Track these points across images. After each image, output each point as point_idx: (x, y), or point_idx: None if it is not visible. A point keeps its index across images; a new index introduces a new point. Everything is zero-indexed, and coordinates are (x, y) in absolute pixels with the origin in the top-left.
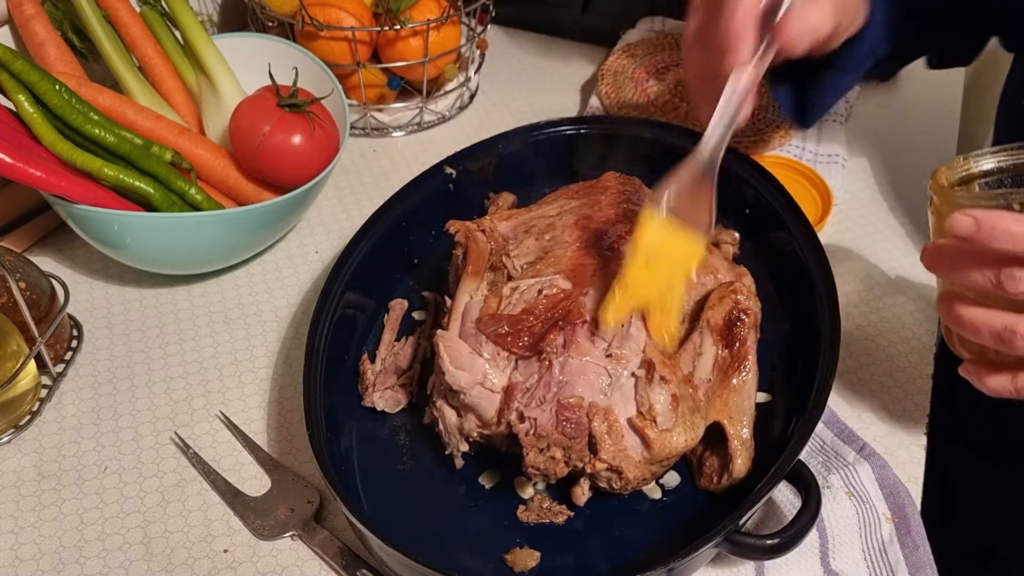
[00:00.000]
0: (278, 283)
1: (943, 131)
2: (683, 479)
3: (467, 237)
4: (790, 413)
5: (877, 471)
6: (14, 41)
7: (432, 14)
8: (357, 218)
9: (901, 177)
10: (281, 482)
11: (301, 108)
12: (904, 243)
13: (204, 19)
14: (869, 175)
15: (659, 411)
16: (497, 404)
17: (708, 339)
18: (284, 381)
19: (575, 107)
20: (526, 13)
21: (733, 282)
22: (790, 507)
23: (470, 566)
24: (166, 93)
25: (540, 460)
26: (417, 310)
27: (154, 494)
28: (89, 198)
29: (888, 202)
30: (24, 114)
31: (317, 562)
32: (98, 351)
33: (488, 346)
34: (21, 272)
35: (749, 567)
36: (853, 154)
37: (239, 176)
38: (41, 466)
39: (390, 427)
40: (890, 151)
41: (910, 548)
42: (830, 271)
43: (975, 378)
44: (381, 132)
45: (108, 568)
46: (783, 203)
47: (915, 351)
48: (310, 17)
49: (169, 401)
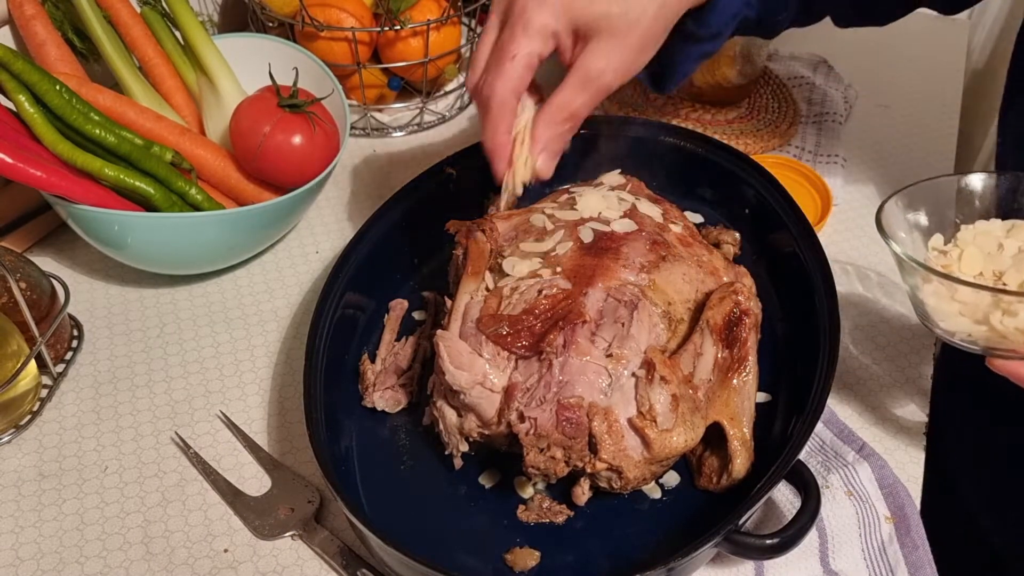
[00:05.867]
0: (278, 283)
1: (943, 131)
2: (683, 479)
3: (467, 237)
4: (790, 413)
5: (876, 471)
6: (14, 41)
7: (432, 14)
8: (357, 218)
9: (901, 177)
10: (281, 482)
11: (301, 108)
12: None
13: (204, 19)
14: (869, 175)
15: (659, 411)
16: (497, 404)
17: (708, 339)
18: (284, 381)
19: None
20: None
21: (733, 282)
22: (790, 507)
23: (470, 566)
24: (166, 93)
25: (540, 460)
26: (417, 310)
27: (154, 494)
28: (89, 198)
29: None
30: (24, 114)
31: (317, 562)
32: (98, 351)
33: (488, 346)
34: (21, 272)
35: (749, 567)
36: (853, 154)
37: (239, 176)
38: (41, 466)
39: (390, 427)
40: (890, 151)
41: (909, 548)
42: (830, 271)
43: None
44: (381, 132)
45: (108, 568)
46: (783, 203)
47: (915, 351)
48: (310, 17)
49: (169, 401)
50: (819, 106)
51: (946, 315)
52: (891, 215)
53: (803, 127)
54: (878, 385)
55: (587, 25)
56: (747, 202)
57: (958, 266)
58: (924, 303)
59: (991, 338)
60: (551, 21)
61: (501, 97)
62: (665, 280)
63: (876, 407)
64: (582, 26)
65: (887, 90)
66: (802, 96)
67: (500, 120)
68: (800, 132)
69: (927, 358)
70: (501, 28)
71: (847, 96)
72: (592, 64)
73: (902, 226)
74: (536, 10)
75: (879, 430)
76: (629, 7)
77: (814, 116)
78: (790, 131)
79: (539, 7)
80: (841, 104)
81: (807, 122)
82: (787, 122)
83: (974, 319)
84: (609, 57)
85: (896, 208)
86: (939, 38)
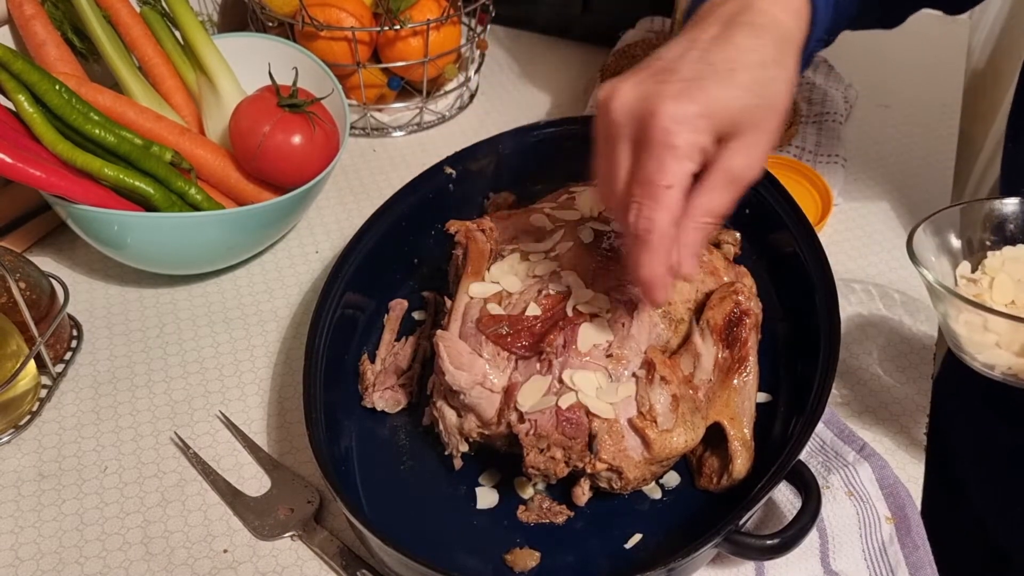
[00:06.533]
0: (278, 283)
1: (944, 131)
2: (683, 479)
3: (467, 237)
4: (790, 413)
5: (877, 471)
6: (14, 41)
7: (432, 14)
8: (357, 218)
9: (902, 177)
10: (281, 482)
11: (301, 108)
12: (904, 243)
13: (204, 19)
14: (869, 175)
15: (659, 411)
16: (497, 404)
17: (709, 339)
18: (284, 381)
19: (575, 107)
20: (526, 13)
21: (734, 283)
22: (790, 507)
23: (470, 566)
24: (166, 93)
25: (540, 460)
26: (417, 310)
27: (154, 494)
28: (89, 198)
29: (888, 202)
30: (24, 114)
31: (317, 562)
32: (98, 351)
33: (488, 346)
34: (21, 272)
35: (749, 567)
36: (853, 154)
37: (239, 176)
38: (41, 466)
39: (390, 427)
40: (890, 151)
41: (910, 548)
42: (830, 271)
43: None
44: (381, 132)
45: (108, 568)
46: (783, 203)
47: (915, 351)
48: (310, 17)
49: (169, 401)
50: (819, 106)
51: (982, 347)
52: (920, 241)
53: (803, 127)
54: (879, 385)
55: (732, 125)
56: (747, 202)
57: (989, 295)
58: (957, 334)
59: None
60: (698, 138)
61: (662, 231)
62: None
63: (877, 407)
64: (726, 127)
65: (888, 90)
66: (802, 96)
67: (663, 254)
68: (800, 132)
69: (927, 358)
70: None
71: (847, 96)
72: (736, 163)
73: (931, 251)
74: (679, 130)
75: (880, 430)
76: (766, 93)
77: (814, 116)
78: (790, 131)
79: (681, 126)
80: (841, 104)
81: (807, 122)
82: (787, 122)
83: (1012, 351)
84: (751, 152)
85: (925, 234)
86: (940, 38)
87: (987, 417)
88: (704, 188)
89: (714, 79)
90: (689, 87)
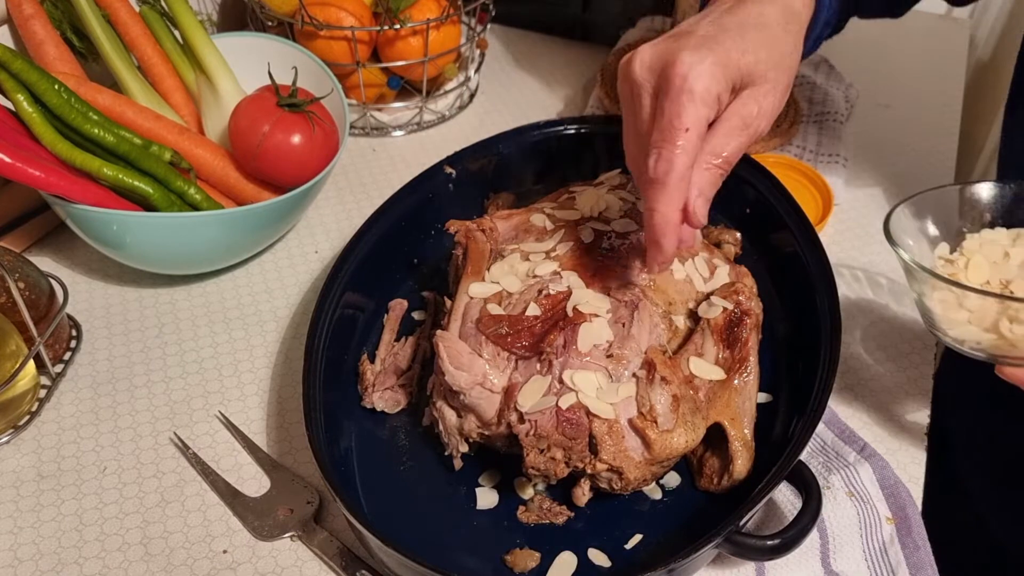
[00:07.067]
0: (278, 283)
1: (944, 130)
2: (683, 480)
3: (467, 237)
4: (791, 413)
5: (878, 471)
6: (13, 41)
7: (432, 14)
8: (357, 218)
9: (903, 176)
10: (280, 482)
11: (301, 108)
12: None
13: (204, 19)
14: (869, 175)
15: (660, 412)
16: (497, 404)
17: (709, 340)
18: (284, 381)
19: (575, 107)
20: (526, 13)
21: (734, 283)
22: (791, 508)
23: (470, 567)
24: (165, 93)
25: (540, 461)
26: (417, 310)
27: (153, 494)
28: (88, 198)
29: (888, 202)
30: (23, 114)
31: (317, 563)
32: (97, 351)
33: (488, 346)
34: (20, 272)
35: (749, 568)
36: (854, 153)
37: (239, 176)
38: (40, 466)
39: (390, 427)
40: (890, 151)
41: (911, 549)
42: (830, 271)
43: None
44: (381, 132)
45: (107, 568)
46: (784, 203)
47: (916, 351)
48: (309, 17)
49: (168, 401)
50: (820, 105)
51: (954, 323)
52: (898, 223)
53: (804, 126)
54: (880, 385)
55: (744, 77)
56: (748, 202)
57: (965, 275)
58: (932, 311)
59: (1000, 346)
60: (714, 84)
61: (680, 171)
62: (666, 280)
63: (877, 407)
64: (738, 79)
65: (888, 89)
66: (803, 95)
67: (678, 195)
68: (801, 131)
69: (928, 358)
70: (655, 98)
71: (848, 95)
72: (746, 111)
73: (909, 234)
74: (697, 77)
75: (880, 430)
76: (774, 51)
77: (815, 115)
78: (791, 131)
79: (698, 73)
80: (842, 103)
81: (808, 121)
82: (788, 121)
83: (982, 327)
84: (762, 102)
85: (903, 216)
86: (940, 37)
87: (988, 417)
88: (718, 131)
89: (727, 35)
90: (705, 40)
